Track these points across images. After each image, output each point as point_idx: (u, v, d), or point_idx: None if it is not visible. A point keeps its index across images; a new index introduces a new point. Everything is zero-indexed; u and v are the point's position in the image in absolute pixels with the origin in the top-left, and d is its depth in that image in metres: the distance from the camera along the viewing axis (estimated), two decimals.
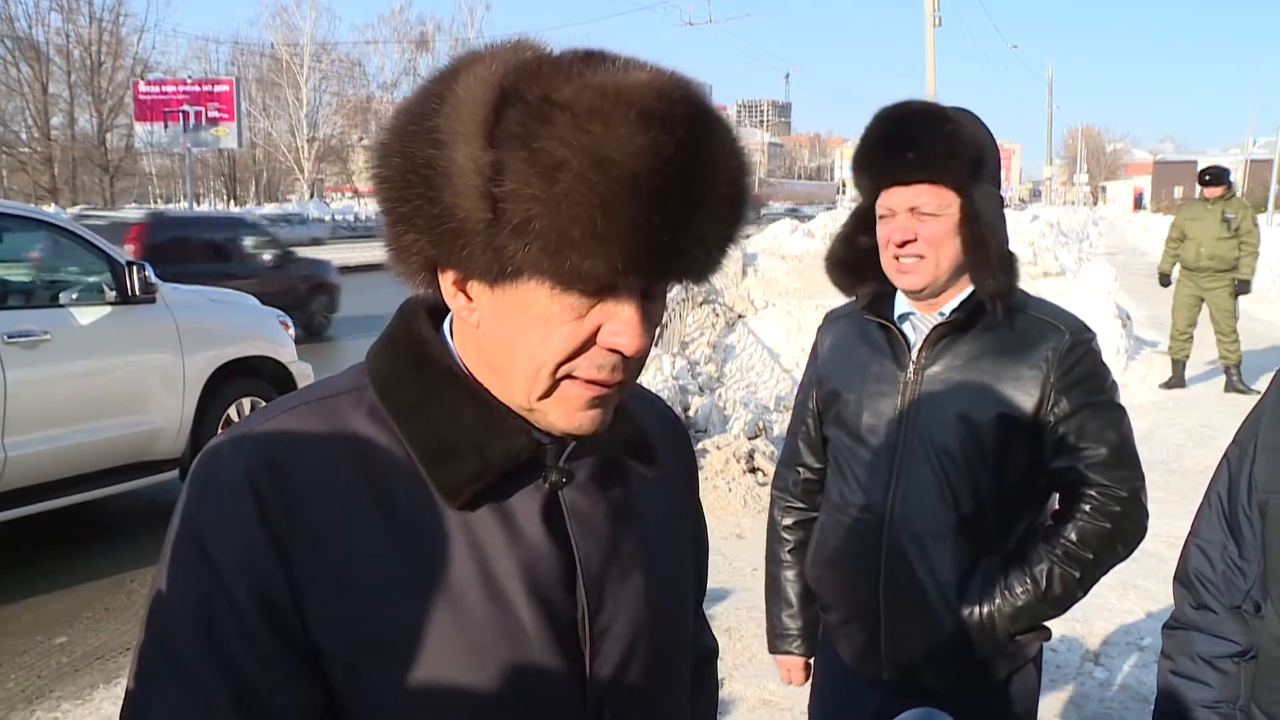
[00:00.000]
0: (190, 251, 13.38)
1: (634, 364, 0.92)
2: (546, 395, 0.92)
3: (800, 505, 2.18)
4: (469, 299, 0.92)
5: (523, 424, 0.96)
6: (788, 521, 2.19)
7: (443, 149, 0.84)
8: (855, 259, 1.98)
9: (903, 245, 1.83)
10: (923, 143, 1.79)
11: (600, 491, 1.02)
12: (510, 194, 0.81)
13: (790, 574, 2.17)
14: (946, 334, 1.89)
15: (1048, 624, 1.95)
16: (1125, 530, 1.89)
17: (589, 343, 0.89)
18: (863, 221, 1.95)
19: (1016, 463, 1.88)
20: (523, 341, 0.89)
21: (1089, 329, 1.94)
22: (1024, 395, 1.86)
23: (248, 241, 14.39)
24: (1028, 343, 1.88)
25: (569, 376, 0.90)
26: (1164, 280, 10.92)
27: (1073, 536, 1.87)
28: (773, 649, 2.24)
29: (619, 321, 0.88)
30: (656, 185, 0.81)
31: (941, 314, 1.91)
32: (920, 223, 1.81)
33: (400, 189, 0.87)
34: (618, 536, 1.02)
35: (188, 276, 8.19)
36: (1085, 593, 1.91)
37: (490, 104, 0.83)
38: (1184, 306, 10.39)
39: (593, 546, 0.99)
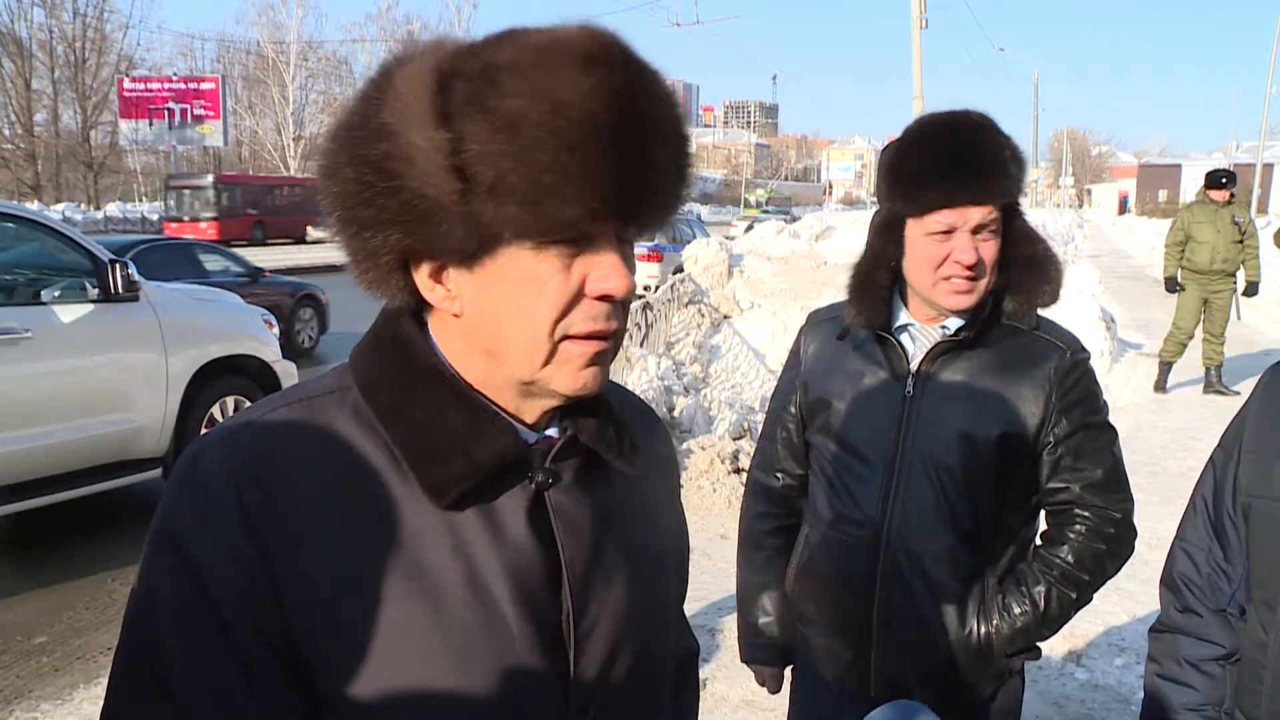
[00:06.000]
0: None
1: (622, 310, 0.95)
2: (548, 361, 0.93)
3: (778, 511, 2.11)
4: (447, 289, 0.93)
5: (509, 424, 0.97)
6: (766, 527, 2.12)
7: (396, 138, 0.86)
8: (886, 283, 1.88)
9: (971, 267, 1.76)
10: (1000, 163, 1.74)
11: (585, 492, 1.02)
12: (477, 158, 0.83)
13: (768, 581, 2.11)
14: (948, 349, 1.85)
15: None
16: (1117, 552, 1.89)
17: (579, 296, 0.91)
18: (896, 237, 1.84)
19: (1015, 482, 1.86)
20: (515, 309, 0.90)
21: (1085, 347, 1.92)
22: (1026, 414, 1.83)
23: None
24: (1028, 361, 1.85)
25: (566, 337, 0.92)
26: (1172, 285, 10.45)
27: (1069, 558, 1.86)
28: (748, 658, 2.17)
29: (604, 267, 0.91)
30: (614, 121, 0.84)
31: (945, 328, 1.86)
32: (983, 243, 1.77)
33: (358, 194, 0.88)
34: (601, 537, 1.02)
35: None
36: (1077, 612, 1.90)
37: (433, 85, 0.85)
38: (1192, 310, 10.19)
39: (577, 548, 0.99)
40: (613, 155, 0.85)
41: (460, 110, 0.84)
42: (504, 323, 0.91)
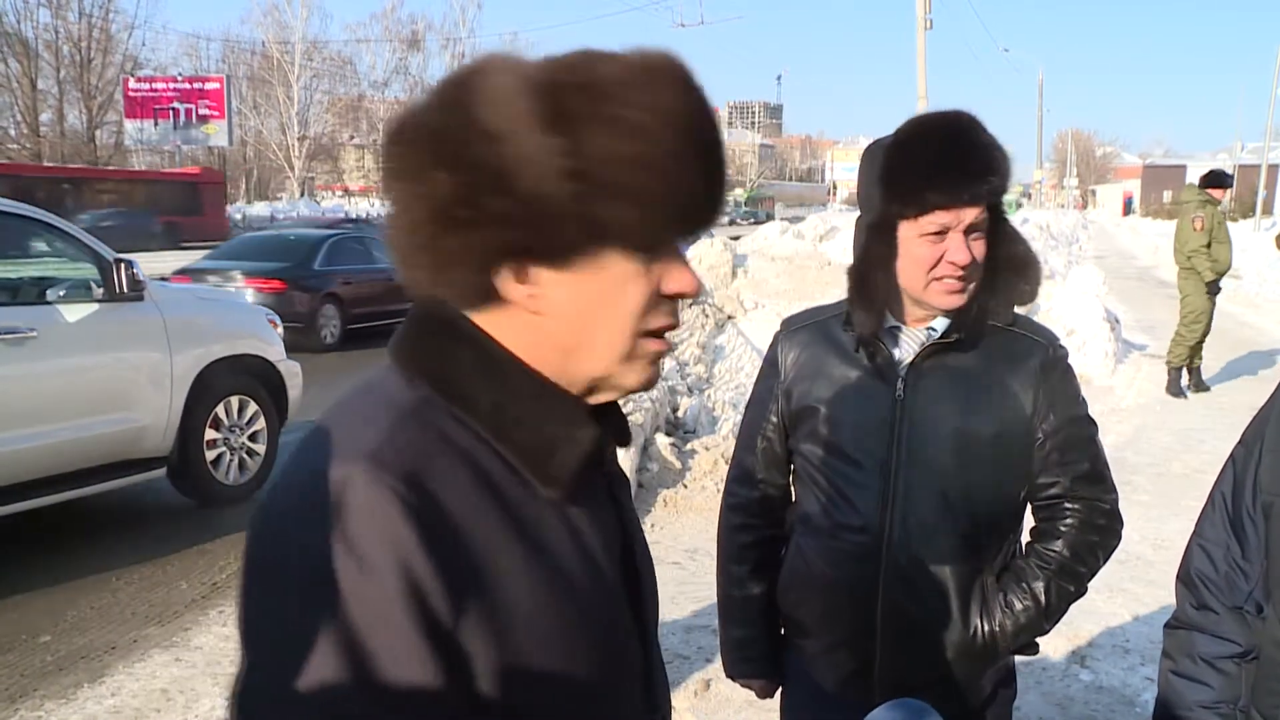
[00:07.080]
0: None
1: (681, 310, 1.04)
2: (628, 356, 0.98)
3: (761, 523, 2.08)
4: (531, 288, 0.95)
5: (589, 411, 1.01)
6: (747, 540, 2.08)
7: (504, 141, 0.89)
8: (885, 285, 1.83)
9: (964, 267, 1.75)
10: (996, 164, 1.74)
11: (624, 481, 1.14)
12: (598, 163, 0.89)
13: (753, 595, 2.07)
14: (936, 350, 1.84)
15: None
16: (1108, 543, 1.90)
17: (656, 295, 0.97)
18: (890, 239, 1.80)
19: (1010, 479, 1.87)
20: (605, 307, 0.96)
21: (1061, 342, 1.93)
22: (1017, 411, 1.83)
23: None
24: (1012, 358, 1.85)
25: (645, 333, 0.98)
26: (1216, 289, 10.11)
27: (1065, 551, 1.87)
28: (736, 673, 2.14)
29: (678, 269, 0.98)
30: (711, 138, 0.94)
31: (933, 330, 1.86)
32: (974, 243, 1.76)
33: (454, 195, 0.90)
34: (635, 524, 1.14)
35: None
36: (1072, 604, 1.91)
37: (539, 95, 0.89)
38: (1206, 311, 10.04)
39: (632, 528, 1.10)
40: (710, 168, 0.94)
41: (576, 118, 0.88)
42: (593, 320, 0.96)
